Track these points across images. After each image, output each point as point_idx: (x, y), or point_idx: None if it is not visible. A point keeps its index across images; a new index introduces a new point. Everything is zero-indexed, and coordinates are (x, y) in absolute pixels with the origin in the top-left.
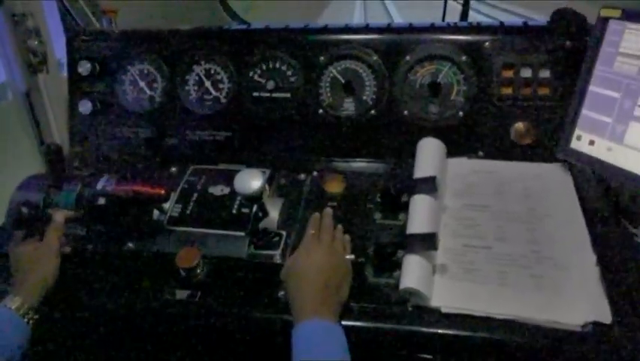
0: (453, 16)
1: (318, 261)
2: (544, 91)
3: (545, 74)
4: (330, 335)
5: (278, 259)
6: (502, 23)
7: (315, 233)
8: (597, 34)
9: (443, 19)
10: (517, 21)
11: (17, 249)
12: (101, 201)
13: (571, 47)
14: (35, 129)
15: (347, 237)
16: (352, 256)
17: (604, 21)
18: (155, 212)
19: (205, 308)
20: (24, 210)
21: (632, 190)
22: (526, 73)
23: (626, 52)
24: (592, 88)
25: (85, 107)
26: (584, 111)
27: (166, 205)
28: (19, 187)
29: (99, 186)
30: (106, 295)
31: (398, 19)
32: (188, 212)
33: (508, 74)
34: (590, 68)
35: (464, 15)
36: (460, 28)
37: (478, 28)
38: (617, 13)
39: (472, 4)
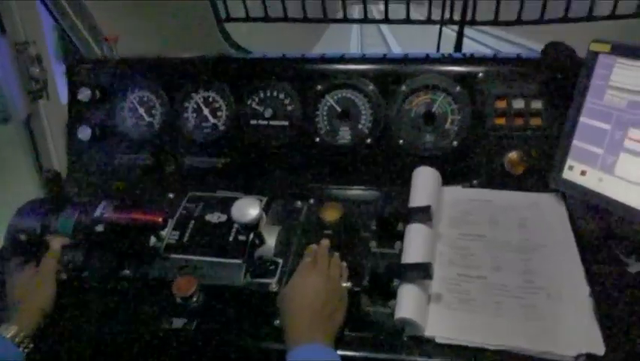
0: (447, 42)
1: (313, 286)
2: (536, 121)
3: (537, 105)
4: (325, 358)
5: (274, 288)
6: (495, 55)
7: (312, 260)
8: (587, 67)
9: (438, 50)
10: (510, 53)
11: (14, 276)
12: (99, 228)
13: (562, 79)
14: (34, 155)
15: (344, 264)
16: (349, 284)
17: (594, 55)
18: (152, 239)
19: (201, 337)
20: (22, 236)
21: (623, 220)
22: (519, 104)
23: (616, 85)
24: (583, 119)
25: (84, 133)
26: (576, 142)
27: (163, 232)
28: (17, 213)
29: (97, 212)
30: (102, 322)
31: (393, 43)
32: (185, 239)
33: (501, 104)
34: (581, 100)
35: (458, 45)
36: (454, 60)
37: (471, 60)
38: (607, 47)
39: (466, 31)
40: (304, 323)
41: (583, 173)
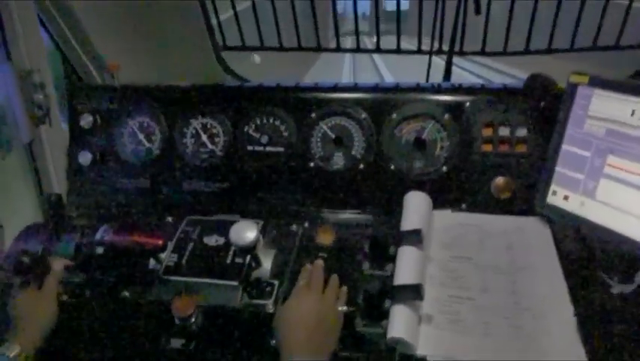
0: (437, 70)
1: (307, 307)
2: (521, 148)
3: (522, 132)
4: None
5: (270, 309)
6: (482, 85)
7: (306, 282)
8: (568, 97)
9: (427, 79)
10: (496, 83)
11: (16, 296)
12: (99, 250)
13: (545, 109)
14: (35, 179)
15: (344, 288)
16: (345, 308)
17: (573, 86)
18: (151, 261)
19: (199, 357)
20: (25, 258)
21: (605, 243)
22: (505, 131)
23: (595, 115)
24: (565, 147)
25: (85, 158)
26: (558, 168)
27: (162, 255)
28: (18, 236)
29: (97, 235)
30: (102, 342)
31: (385, 71)
32: (183, 262)
33: (488, 132)
34: (563, 128)
35: (447, 74)
36: (443, 89)
37: (459, 89)
38: (585, 79)
39: (455, 60)
40: (299, 341)
41: (566, 198)
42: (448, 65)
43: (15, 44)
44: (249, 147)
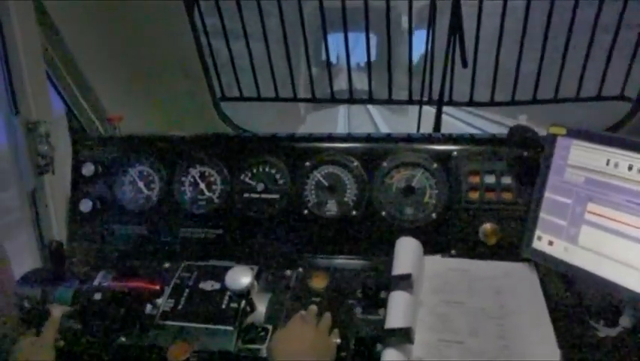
0: (429, 118)
1: (300, 336)
2: (507, 195)
3: (507, 180)
4: None
5: (264, 353)
6: (469, 135)
7: (301, 316)
8: (548, 148)
9: (418, 129)
10: (483, 133)
11: (15, 343)
12: (97, 296)
13: (528, 158)
14: (36, 226)
15: (335, 330)
16: (338, 340)
17: (553, 137)
18: (148, 306)
19: None
20: (25, 304)
21: (590, 287)
22: (491, 179)
23: (574, 164)
24: (547, 194)
25: (85, 205)
26: (542, 215)
27: (159, 300)
28: (19, 281)
29: (96, 281)
30: None
31: (379, 120)
32: (179, 307)
33: (475, 180)
34: (545, 177)
35: (437, 125)
36: (432, 139)
37: (448, 139)
38: (563, 131)
39: (445, 108)
40: None
41: (550, 243)
42: (438, 116)
43: (24, 97)
44: (245, 195)
